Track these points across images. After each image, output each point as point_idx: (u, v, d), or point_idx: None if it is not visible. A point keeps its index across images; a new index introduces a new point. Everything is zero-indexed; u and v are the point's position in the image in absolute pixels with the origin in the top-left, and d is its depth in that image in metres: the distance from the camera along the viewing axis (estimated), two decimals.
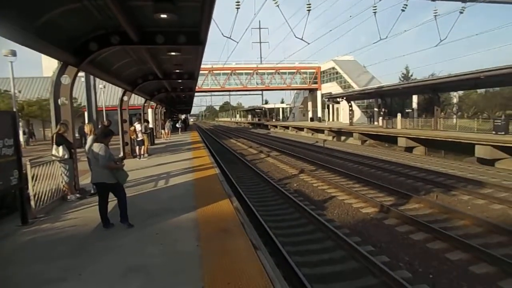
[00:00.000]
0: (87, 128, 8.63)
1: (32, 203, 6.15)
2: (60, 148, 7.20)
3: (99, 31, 7.55)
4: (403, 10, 21.08)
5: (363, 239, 7.26)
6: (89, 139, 7.50)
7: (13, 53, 14.40)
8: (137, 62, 11.95)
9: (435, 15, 21.44)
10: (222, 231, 5.22)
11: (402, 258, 6.33)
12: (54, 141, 7.28)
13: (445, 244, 6.75)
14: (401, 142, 24.67)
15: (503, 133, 19.46)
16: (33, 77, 40.63)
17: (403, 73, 53.44)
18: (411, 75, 52.56)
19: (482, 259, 5.98)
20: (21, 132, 15.16)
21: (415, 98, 39.22)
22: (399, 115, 31.17)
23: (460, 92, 43.75)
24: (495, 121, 21.15)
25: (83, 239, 5.05)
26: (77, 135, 18.99)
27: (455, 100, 46.29)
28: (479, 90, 41.91)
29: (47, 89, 34.19)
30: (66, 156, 7.25)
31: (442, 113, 32.81)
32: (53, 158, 7.14)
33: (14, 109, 15.90)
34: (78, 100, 30.00)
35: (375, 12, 20.56)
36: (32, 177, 6.22)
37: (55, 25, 6.24)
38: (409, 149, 24.11)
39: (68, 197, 7.43)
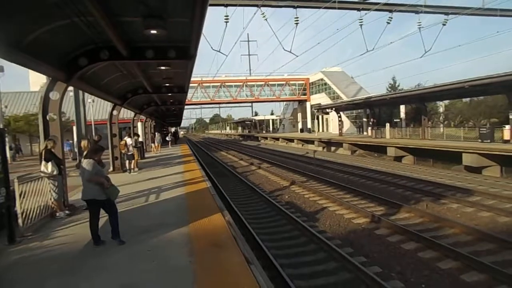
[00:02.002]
0: (82, 144, 8.53)
1: (20, 221, 6.01)
2: (49, 164, 7.10)
3: (88, 46, 7.54)
4: (388, 23, 21.61)
5: (355, 249, 7.29)
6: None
7: (1, 69, 14.26)
8: (127, 76, 11.95)
9: (419, 27, 22.04)
10: (215, 245, 5.18)
11: (394, 268, 6.36)
12: (43, 157, 7.18)
13: (436, 253, 6.81)
14: (390, 151, 24.97)
15: (488, 141, 19.90)
16: (20, 91, 40.09)
17: (390, 84, 54.48)
18: (398, 85, 53.63)
19: (473, 267, 6.05)
20: (7, 148, 14.88)
21: (402, 108, 39.87)
22: (387, 125, 31.61)
23: (446, 101, 44.65)
24: (481, 129, 21.63)
25: (74, 257, 4.96)
26: (68, 149, 18.75)
27: (441, 109, 47.17)
28: (464, 99, 42.85)
29: (34, 104, 33.86)
30: (55, 172, 7.15)
31: (430, 122, 33.35)
32: (42, 174, 7.03)
33: (1, 125, 15.65)
34: (67, 114, 29.67)
35: (361, 25, 21.02)
36: (20, 194, 6.10)
37: (44, 41, 6.22)
38: (398, 159, 24.39)
39: (57, 214, 7.30)
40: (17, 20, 5.22)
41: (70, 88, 10.45)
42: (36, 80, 41.41)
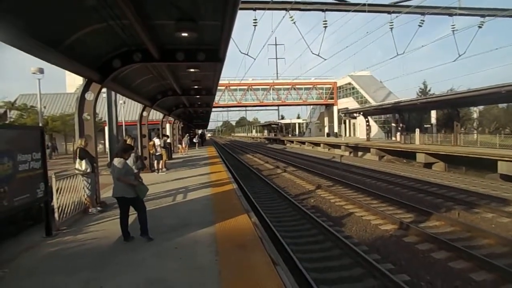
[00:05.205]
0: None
1: (56, 215, 6.32)
2: (83, 162, 7.39)
3: (122, 49, 7.81)
4: (420, 26, 21.08)
5: (382, 256, 7.11)
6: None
7: (41, 71, 14.98)
8: (157, 78, 12.28)
9: (452, 30, 21.31)
10: (241, 246, 5.22)
11: (423, 277, 6.16)
12: (77, 155, 7.49)
13: (469, 263, 6.54)
14: (420, 158, 24.23)
15: None
16: (57, 93, 42.07)
17: (421, 88, 52.96)
18: (429, 90, 52.02)
19: (510, 281, 5.76)
20: None
21: (433, 113, 38.66)
22: (417, 130, 30.71)
23: (481, 107, 42.89)
24: None
25: (104, 252, 5.14)
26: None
27: (475, 115, 45.36)
28: (500, 105, 41.00)
29: (70, 105, 35.39)
30: (88, 170, 7.44)
31: (462, 129, 32.13)
32: (76, 171, 7.34)
33: (40, 124, 16.45)
34: (99, 115, 30.81)
35: (391, 28, 20.62)
36: (57, 190, 6.42)
37: (82, 44, 6.51)
38: (428, 165, 23.61)
39: (90, 210, 7.59)
40: (58, 23, 5.50)
41: (103, 89, 10.86)
42: (72, 83, 43.39)
